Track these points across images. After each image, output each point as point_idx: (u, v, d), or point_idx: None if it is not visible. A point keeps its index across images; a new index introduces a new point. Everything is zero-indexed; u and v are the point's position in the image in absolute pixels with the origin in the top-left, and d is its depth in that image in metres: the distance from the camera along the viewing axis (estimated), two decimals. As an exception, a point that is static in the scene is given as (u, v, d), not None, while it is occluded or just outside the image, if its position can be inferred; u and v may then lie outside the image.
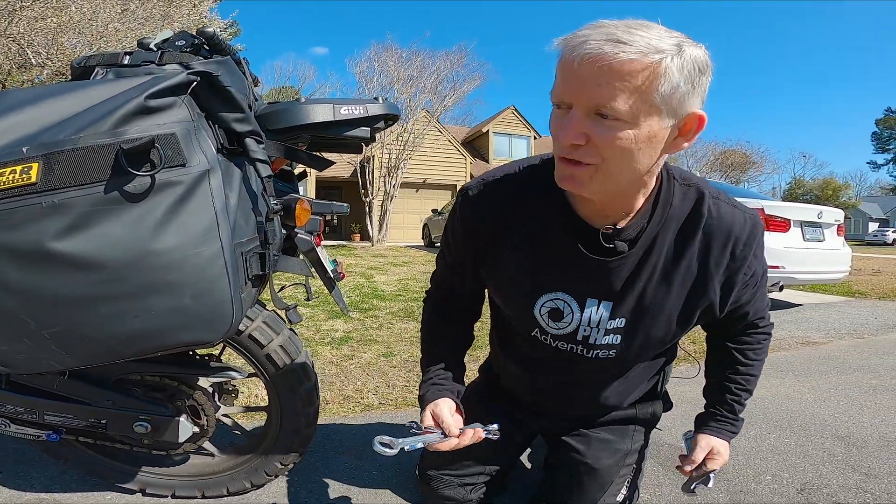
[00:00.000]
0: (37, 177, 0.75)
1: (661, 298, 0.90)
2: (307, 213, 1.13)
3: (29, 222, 0.76)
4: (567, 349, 0.98)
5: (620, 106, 0.68)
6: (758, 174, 29.58)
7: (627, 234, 0.87)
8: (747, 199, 4.49)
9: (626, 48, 0.66)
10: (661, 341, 0.97)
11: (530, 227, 0.92)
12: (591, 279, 0.90)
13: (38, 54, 7.41)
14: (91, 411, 1.13)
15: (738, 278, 0.91)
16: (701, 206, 0.88)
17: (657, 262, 0.88)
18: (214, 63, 0.98)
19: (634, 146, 0.72)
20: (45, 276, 0.78)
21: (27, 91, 0.85)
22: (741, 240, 0.88)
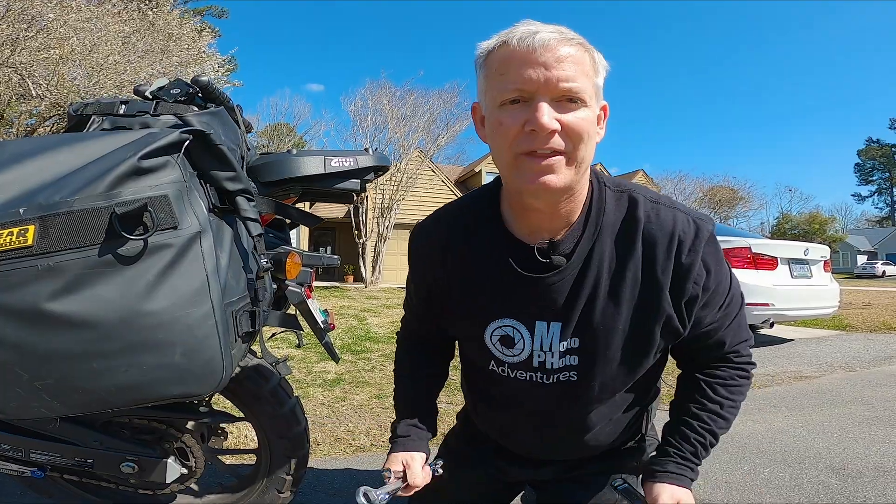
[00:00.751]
0: (33, 240, 0.77)
1: (611, 314, 0.84)
2: (298, 266, 1.15)
3: (24, 284, 0.78)
4: (526, 378, 0.91)
5: (583, 89, 0.71)
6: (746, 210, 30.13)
7: (563, 248, 0.84)
8: (734, 237, 4.60)
9: (570, 37, 0.71)
10: (625, 365, 0.89)
11: (471, 254, 0.91)
12: (535, 299, 0.86)
13: (39, 85, 7.47)
14: (78, 451, 1.13)
15: (688, 287, 0.82)
16: (636, 211, 0.83)
17: (599, 275, 0.83)
18: (208, 115, 1.02)
19: (592, 129, 0.74)
20: (40, 334, 0.80)
21: (23, 143, 0.88)
22: (685, 243, 0.82)
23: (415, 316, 1.09)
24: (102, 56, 7.63)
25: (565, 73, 0.69)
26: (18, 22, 6.78)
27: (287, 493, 1.31)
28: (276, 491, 1.29)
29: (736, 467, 1.87)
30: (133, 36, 8.42)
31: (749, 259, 4.25)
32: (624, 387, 0.93)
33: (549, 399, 0.93)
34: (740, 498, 1.63)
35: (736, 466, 1.87)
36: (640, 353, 0.87)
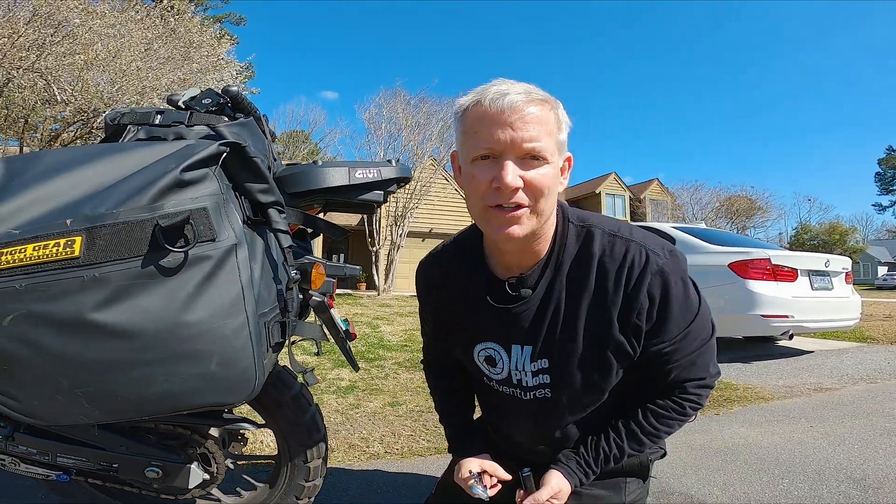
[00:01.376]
0: (79, 251, 0.79)
1: (569, 342, 0.94)
2: (322, 277, 1.16)
3: (69, 294, 0.79)
4: (509, 393, 1.06)
5: (546, 148, 0.80)
6: (764, 220, 29.52)
7: (529, 282, 0.95)
8: (753, 248, 4.54)
9: (536, 97, 0.80)
10: (592, 384, 0.98)
11: (461, 287, 1.06)
12: (508, 325, 0.99)
13: (64, 91, 7.58)
14: (104, 455, 1.15)
15: (632, 315, 0.89)
16: (591, 245, 0.92)
17: (559, 305, 0.93)
18: (238, 125, 1.04)
19: (553, 183, 0.84)
20: (83, 343, 0.81)
21: (61, 153, 0.90)
22: (633, 277, 0.89)
23: (430, 339, 1.25)
24: (126, 62, 7.73)
25: (529, 134, 0.79)
26: (45, 27, 6.91)
27: (305, 501, 1.32)
28: (294, 497, 1.30)
29: (754, 478, 1.84)
30: (155, 42, 8.52)
31: (768, 271, 4.19)
32: (595, 402, 1.03)
33: (530, 412, 1.06)
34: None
35: (754, 478, 1.85)
36: (600, 374, 0.97)
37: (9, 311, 0.80)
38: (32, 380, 0.85)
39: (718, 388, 3.20)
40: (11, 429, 1.10)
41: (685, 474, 1.87)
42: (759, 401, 2.98)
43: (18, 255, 0.79)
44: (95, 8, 7.51)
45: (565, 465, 1.04)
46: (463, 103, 0.85)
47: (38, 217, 0.81)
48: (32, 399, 0.88)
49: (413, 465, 1.99)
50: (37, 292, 0.79)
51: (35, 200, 0.82)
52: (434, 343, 1.23)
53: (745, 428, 2.46)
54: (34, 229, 0.80)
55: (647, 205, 24.82)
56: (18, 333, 0.81)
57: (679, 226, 5.26)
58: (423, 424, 2.47)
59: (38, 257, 0.79)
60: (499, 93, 0.79)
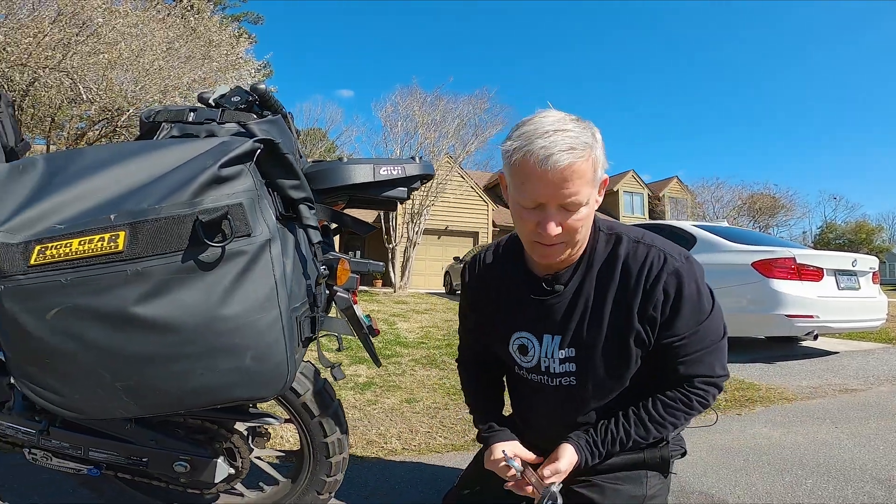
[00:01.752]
0: (123, 245, 0.80)
1: (595, 331, 1.07)
2: (347, 273, 1.18)
3: (113, 288, 0.81)
4: (537, 381, 1.16)
5: (583, 198, 0.94)
6: (787, 218, 28.63)
7: (563, 278, 1.09)
8: (778, 247, 4.45)
9: (579, 153, 0.90)
10: (614, 372, 1.09)
11: (502, 283, 1.19)
12: (542, 317, 1.12)
13: (89, 90, 7.68)
14: (135, 450, 1.17)
15: (648, 307, 1.03)
16: (618, 248, 1.07)
17: (588, 300, 1.07)
18: (267, 123, 1.05)
19: (587, 219, 0.99)
20: (126, 337, 0.83)
21: (102, 150, 0.92)
22: (651, 276, 1.02)
23: (470, 335, 1.34)
24: (148, 61, 7.81)
25: (569, 191, 0.91)
26: (69, 26, 7.01)
27: (326, 496, 1.33)
28: (315, 493, 1.31)
29: (777, 479, 1.82)
30: (176, 41, 8.60)
31: (793, 270, 4.09)
32: (616, 390, 1.12)
33: (556, 399, 1.15)
34: (780, 509, 1.59)
35: (777, 478, 1.83)
36: (622, 361, 1.08)
37: (54, 305, 0.82)
38: (75, 373, 0.87)
39: (741, 389, 3.15)
40: (47, 423, 1.13)
41: (705, 474, 1.85)
42: (782, 401, 2.92)
43: (64, 250, 0.81)
44: (118, 7, 7.62)
45: (576, 441, 1.11)
46: (509, 150, 0.94)
47: (82, 212, 0.83)
48: (74, 393, 0.90)
49: (430, 461, 2.00)
50: (82, 286, 0.81)
51: (78, 196, 0.84)
52: (473, 338, 1.33)
53: (767, 428, 2.42)
54: (79, 224, 0.82)
55: (665, 203, 24.43)
56: (63, 327, 0.82)
57: (700, 224, 5.18)
58: (440, 421, 2.47)
59: (83, 251, 0.80)
60: (544, 151, 0.89)
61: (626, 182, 24.08)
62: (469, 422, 2.45)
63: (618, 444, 1.10)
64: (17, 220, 0.82)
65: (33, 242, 0.81)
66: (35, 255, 0.81)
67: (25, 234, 0.82)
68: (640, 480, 1.18)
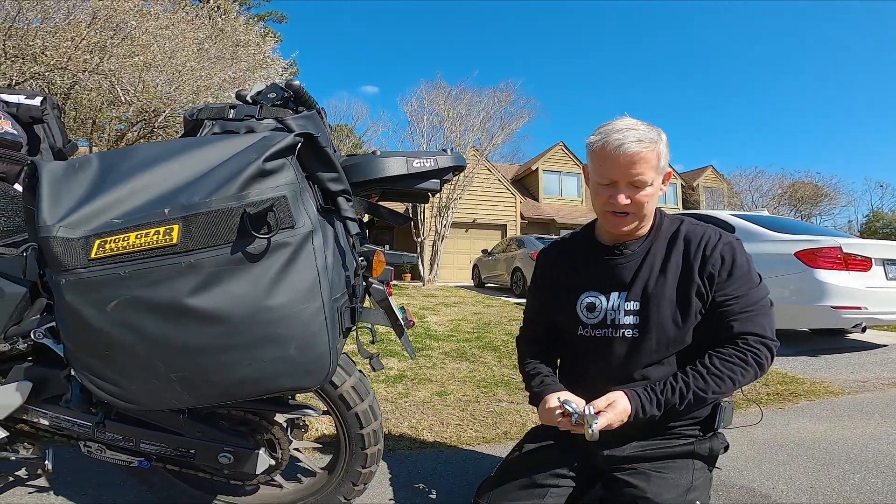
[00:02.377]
0: (177, 238, 0.83)
1: (661, 284, 1.22)
2: (382, 264, 1.20)
3: (168, 280, 0.84)
4: (602, 335, 1.27)
5: (648, 179, 1.15)
6: (831, 207, 27.18)
7: (632, 246, 1.27)
8: (823, 236, 4.26)
9: (645, 144, 1.13)
10: (675, 322, 1.21)
11: (572, 256, 1.38)
12: (610, 277, 1.28)
13: (127, 91, 7.96)
14: (182, 441, 1.21)
15: (708, 267, 1.20)
16: (681, 226, 1.28)
17: (654, 261, 1.24)
18: (303, 118, 1.07)
19: (651, 198, 1.19)
20: (178, 328, 0.86)
21: (152, 148, 0.95)
22: (710, 244, 1.22)
23: (535, 312, 1.49)
24: (180, 62, 8.03)
25: (636, 171, 1.14)
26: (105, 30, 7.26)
27: (361, 487, 1.35)
28: (351, 484, 1.33)
29: (823, 472, 1.77)
30: (206, 42, 8.82)
31: (839, 260, 3.91)
32: (674, 346, 1.22)
33: (619, 352, 1.25)
34: (826, 503, 1.55)
35: (823, 472, 1.77)
36: (683, 312, 1.21)
37: (113, 297, 0.85)
38: (133, 365, 0.90)
39: (784, 382, 3.04)
40: (103, 416, 1.18)
41: (747, 468, 1.81)
42: (827, 395, 2.81)
43: (122, 243, 0.83)
44: (149, 10, 7.86)
45: (630, 389, 1.18)
46: (593, 142, 1.18)
47: (137, 207, 0.86)
48: (132, 384, 0.93)
49: (463, 454, 2.00)
50: (139, 278, 0.84)
51: (132, 192, 0.87)
52: (537, 314, 1.47)
53: (812, 423, 2.34)
54: (135, 218, 0.85)
55: (700, 192, 23.66)
56: (122, 318, 0.86)
57: (738, 213, 4.99)
58: (471, 414, 2.47)
59: (140, 245, 0.83)
60: (618, 142, 1.12)
61: (658, 172, 23.41)
62: (499, 415, 2.45)
63: (677, 394, 1.15)
64: (76, 215, 0.85)
65: (93, 237, 0.84)
66: (95, 248, 0.84)
67: (85, 229, 0.84)
68: (685, 470, 1.21)
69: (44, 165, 0.90)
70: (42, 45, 6.84)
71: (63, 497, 1.49)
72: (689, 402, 1.15)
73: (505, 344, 4.25)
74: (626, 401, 1.15)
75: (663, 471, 1.19)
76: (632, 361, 1.24)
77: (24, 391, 1.16)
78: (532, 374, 1.39)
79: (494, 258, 11.41)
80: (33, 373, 1.17)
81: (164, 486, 1.38)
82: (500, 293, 10.03)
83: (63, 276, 0.84)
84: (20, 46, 6.79)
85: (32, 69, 6.91)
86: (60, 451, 1.59)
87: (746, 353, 1.16)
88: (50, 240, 0.83)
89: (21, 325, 1.15)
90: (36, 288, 1.14)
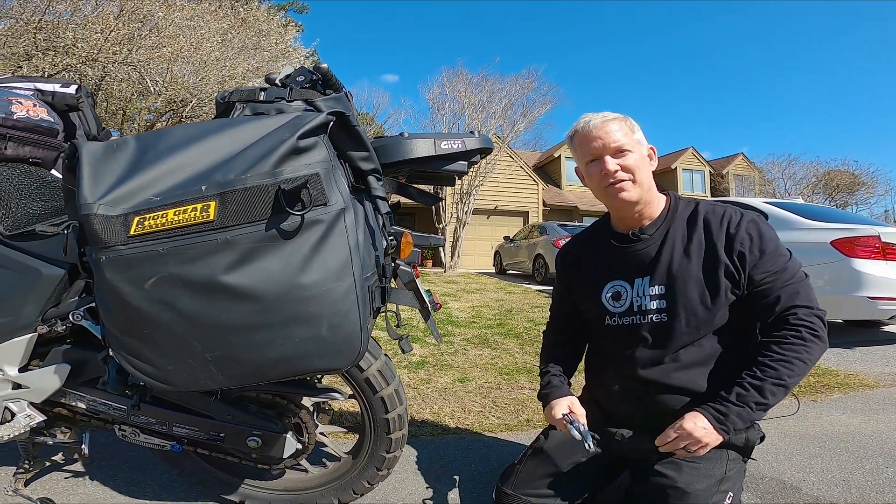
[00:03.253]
0: (214, 215, 0.84)
1: (686, 265, 1.20)
2: (410, 245, 1.19)
3: (205, 257, 0.85)
4: (628, 323, 1.27)
5: (627, 144, 1.19)
6: (868, 196, 25.99)
7: (649, 231, 1.26)
8: (861, 225, 4.10)
9: (612, 117, 1.21)
10: (704, 302, 1.18)
11: (594, 247, 1.38)
12: (632, 264, 1.27)
13: (155, 82, 8.18)
14: (213, 425, 1.23)
15: (735, 245, 1.17)
16: (698, 208, 1.26)
17: (675, 243, 1.23)
18: (332, 100, 1.07)
19: (640, 163, 1.20)
20: (214, 306, 0.87)
21: (187, 129, 0.95)
22: (733, 222, 1.19)
23: (556, 309, 1.52)
24: (206, 52, 8.20)
25: (613, 138, 1.19)
26: (133, 21, 7.41)
27: (385, 472, 1.35)
28: (375, 469, 1.34)
29: (856, 466, 1.72)
30: (229, 33, 8.94)
31: (877, 249, 3.75)
32: (705, 328, 1.20)
33: (648, 336, 1.24)
34: (859, 497, 1.51)
35: (856, 465, 1.72)
36: (712, 292, 1.18)
37: (152, 274, 0.86)
38: (169, 344, 0.91)
39: (816, 374, 2.96)
40: (138, 398, 1.20)
41: (778, 460, 1.77)
42: (862, 388, 2.72)
43: (160, 220, 0.84)
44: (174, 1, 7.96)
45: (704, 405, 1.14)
46: (569, 134, 1.28)
47: (174, 185, 0.86)
48: (168, 364, 0.94)
49: (484, 441, 2.00)
50: (177, 255, 0.85)
51: (170, 171, 0.88)
52: (559, 307, 1.50)
53: (845, 415, 2.27)
54: (173, 196, 0.85)
55: (730, 180, 22.98)
56: (159, 296, 0.87)
57: (772, 200, 4.83)
58: (493, 401, 2.47)
59: (178, 221, 0.84)
60: (587, 122, 1.22)
61: (686, 159, 22.85)
62: (521, 402, 2.44)
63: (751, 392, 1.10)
64: (115, 193, 0.86)
65: (132, 214, 0.85)
66: (134, 225, 0.85)
67: (124, 206, 0.85)
68: (718, 460, 1.18)
69: (84, 146, 0.91)
70: (73, 38, 7.00)
71: (98, 482, 1.53)
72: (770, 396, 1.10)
73: (527, 331, 4.23)
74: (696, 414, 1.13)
75: (696, 460, 1.16)
76: (662, 346, 1.23)
77: (62, 374, 1.18)
78: (542, 371, 1.43)
79: (516, 245, 11.33)
80: (71, 355, 1.20)
81: (195, 470, 1.41)
82: (521, 280, 9.97)
83: (103, 254, 0.86)
84: (51, 39, 6.97)
85: (64, 61, 7.09)
86: (96, 437, 1.65)
87: (800, 329, 1.12)
88: (91, 217, 0.84)
89: (59, 307, 1.18)
90: (75, 270, 1.16)
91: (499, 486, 1.36)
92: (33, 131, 1.26)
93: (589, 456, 1.25)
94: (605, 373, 1.36)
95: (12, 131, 1.23)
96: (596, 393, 1.40)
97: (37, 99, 1.31)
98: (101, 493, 1.46)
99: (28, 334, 1.17)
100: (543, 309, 5.52)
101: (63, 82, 1.39)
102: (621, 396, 1.30)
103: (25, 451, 1.35)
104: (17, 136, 1.24)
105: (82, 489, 1.48)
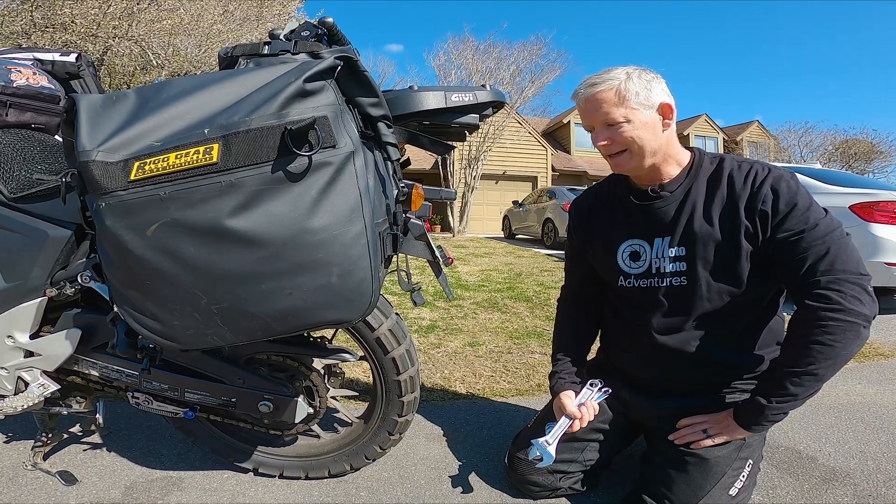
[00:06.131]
0: (217, 157, 0.82)
1: (705, 226, 1.13)
2: (421, 197, 1.17)
3: (209, 200, 0.82)
4: (647, 285, 1.21)
5: (617, 116, 1.10)
6: (885, 164, 25.35)
7: (669, 188, 1.19)
8: (880, 190, 3.99)
9: (599, 86, 1.11)
10: (724, 267, 1.11)
11: (611, 202, 1.31)
12: (651, 222, 1.21)
13: (157, 55, 8.08)
14: (224, 390, 1.22)
15: (757, 204, 1.08)
16: (723, 164, 1.17)
17: (696, 201, 1.15)
18: (339, 51, 1.01)
19: (638, 133, 1.11)
20: (219, 253, 0.85)
21: (189, 79, 0.92)
22: (758, 178, 1.10)
23: (571, 270, 1.46)
24: (207, 24, 8.09)
25: (602, 111, 1.11)
26: (130, -6, 7.28)
27: (397, 436, 1.35)
28: (387, 433, 1.33)
29: (872, 437, 1.70)
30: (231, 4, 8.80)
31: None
32: (726, 294, 1.13)
33: (667, 301, 1.19)
34: (875, 467, 1.50)
35: (872, 436, 1.71)
36: (733, 256, 1.10)
37: (154, 220, 0.84)
38: (174, 297, 0.90)
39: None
40: (148, 362, 1.19)
41: (793, 429, 1.75)
42: (877, 357, 2.69)
43: (162, 164, 0.82)
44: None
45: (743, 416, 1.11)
46: (572, 97, 1.21)
47: (177, 131, 0.84)
48: (173, 319, 0.92)
49: (494, 406, 2.00)
50: (179, 199, 0.83)
51: (172, 118, 0.85)
52: (573, 269, 1.44)
53: (861, 385, 2.25)
54: (175, 139, 0.83)
55: (744, 147, 22.45)
56: (162, 244, 0.85)
57: (790, 166, 4.70)
58: (504, 365, 2.47)
59: (180, 164, 0.82)
60: (578, 93, 1.16)
61: (699, 126, 22.31)
62: (532, 367, 2.44)
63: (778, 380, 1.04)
64: (114, 140, 0.84)
65: (132, 159, 0.83)
66: (135, 170, 0.82)
67: (124, 152, 0.83)
68: None
69: (82, 98, 0.88)
70: (71, 14, 6.85)
71: (115, 452, 1.54)
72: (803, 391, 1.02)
73: (537, 295, 4.21)
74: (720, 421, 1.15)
75: None
76: (681, 312, 1.17)
77: (73, 339, 1.18)
78: (553, 358, 1.41)
79: (525, 209, 11.23)
80: (81, 319, 1.19)
81: (208, 438, 1.41)
82: (530, 244, 9.93)
83: (103, 200, 0.83)
84: (48, 17, 6.84)
85: (64, 37, 6.99)
86: (111, 407, 1.66)
87: (835, 311, 0.96)
88: (89, 164, 0.82)
89: (68, 269, 1.16)
90: (80, 231, 1.15)
91: (511, 452, 1.35)
92: (34, 98, 1.27)
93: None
94: (622, 337, 1.32)
95: (12, 98, 1.23)
96: (613, 357, 1.37)
97: (36, 68, 1.31)
98: (119, 465, 1.47)
99: (37, 298, 1.16)
100: (553, 273, 5.50)
101: (62, 51, 1.38)
102: (639, 362, 1.27)
103: (42, 422, 1.37)
104: (17, 102, 1.24)
105: (100, 461, 1.49)
